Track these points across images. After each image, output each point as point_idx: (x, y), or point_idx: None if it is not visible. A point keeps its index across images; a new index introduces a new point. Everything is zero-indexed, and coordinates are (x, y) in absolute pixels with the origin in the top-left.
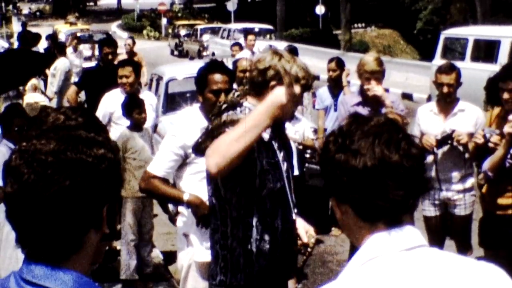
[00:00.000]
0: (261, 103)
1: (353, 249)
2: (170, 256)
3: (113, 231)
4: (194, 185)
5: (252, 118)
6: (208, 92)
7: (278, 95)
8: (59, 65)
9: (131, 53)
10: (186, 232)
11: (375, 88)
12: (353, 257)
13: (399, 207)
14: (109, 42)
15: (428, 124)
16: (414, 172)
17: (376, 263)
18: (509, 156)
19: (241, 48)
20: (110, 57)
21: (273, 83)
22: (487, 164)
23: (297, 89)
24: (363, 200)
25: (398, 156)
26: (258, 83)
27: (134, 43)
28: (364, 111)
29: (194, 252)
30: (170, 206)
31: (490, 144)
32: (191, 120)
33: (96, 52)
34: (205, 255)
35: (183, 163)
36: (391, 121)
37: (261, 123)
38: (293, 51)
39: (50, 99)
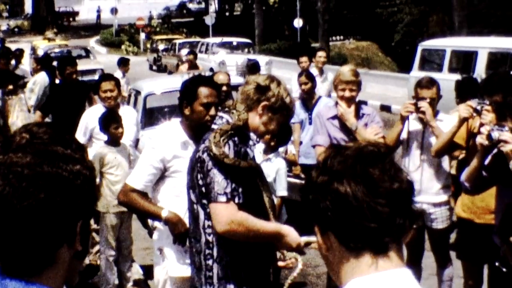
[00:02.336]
0: (275, 227)
1: None
2: (150, 271)
3: (85, 249)
4: (172, 199)
5: (264, 234)
6: (198, 105)
7: (289, 233)
8: (38, 79)
9: (193, 66)
10: (160, 247)
11: (338, 108)
12: None
13: (385, 228)
14: (71, 61)
15: (411, 132)
16: (400, 194)
17: None
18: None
19: (309, 60)
20: (74, 76)
21: (266, 103)
22: (464, 175)
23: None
24: (346, 223)
25: (382, 175)
26: (253, 99)
27: (195, 57)
28: (339, 124)
29: (169, 266)
30: (149, 221)
31: (502, 144)
32: (170, 134)
33: None
34: (180, 270)
35: (161, 176)
36: (375, 146)
37: (267, 239)
38: (255, 66)
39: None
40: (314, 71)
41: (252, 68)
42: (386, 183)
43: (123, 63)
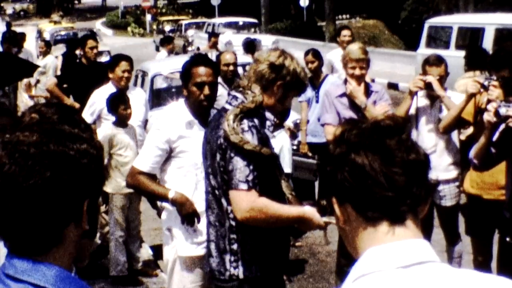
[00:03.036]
0: (296, 211)
1: (342, 241)
2: (160, 251)
3: (94, 229)
4: (179, 179)
5: (287, 219)
6: (192, 85)
7: (312, 216)
8: (49, 62)
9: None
10: (169, 227)
11: (347, 86)
12: (350, 271)
13: (402, 197)
14: (93, 36)
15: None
16: (417, 165)
17: (367, 280)
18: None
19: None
20: (95, 51)
21: (282, 81)
22: (472, 152)
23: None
24: (364, 192)
25: (399, 145)
26: (268, 79)
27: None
28: (348, 102)
29: (178, 246)
30: (158, 201)
31: (510, 120)
32: (175, 114)
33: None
34: (189, 249)
35: (168, 156)
36: (392, 120)
37: (289, 224)
38: (252, 44)
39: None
40: (339, 51)
41: (249, 46)
42: (403, 153)
43: (167, 42)
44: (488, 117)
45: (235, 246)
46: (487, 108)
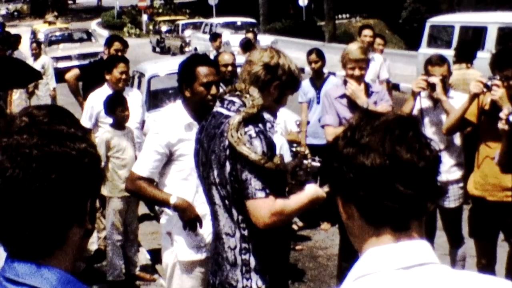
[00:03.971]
0: (306, 196)
1: (343, 244)
2: (157, 255)
3: (92, 228)
4: (179, 183)
5: (300, 208)
6: (198, 85)
7: (318, 193)
8: (46, 62)
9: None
10: (169, 231)
11: (347, 86)
12: (351, 270)
13: (407, 209)
14: (120, 38)
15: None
16: (426, 173)
17: (367, 280)
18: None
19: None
20: (120, 54)
21: (278, 82)
22: (496, 159)
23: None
24: (369, 199)
25: (409, 154)
26: (264, 80)
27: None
28: (348, 103)
29: (178, 250)
30: (156, 206)
31: None
32: (174, 117)
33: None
34: (190, 254)
35: (168, 160)
36: (404, 118)
37: (302, 211)
38: (249, 43)
39: (53, 97)
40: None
41: (246, 45)
42: (413, 163)
43: (214, 38)
44: (501, 125)
45: (247, 256)
46: (499, 116)
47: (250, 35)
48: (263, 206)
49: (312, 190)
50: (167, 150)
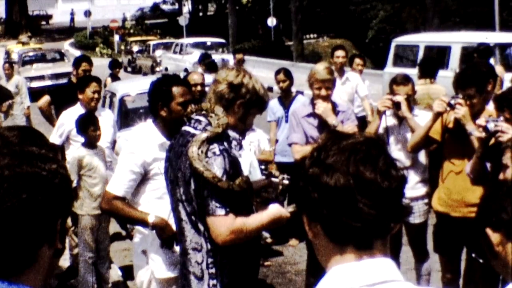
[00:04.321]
0: (267, 215)
1: (311, 259)
2: (129, 272)
3: (62, 248)
4: (154, 202)
5: (261, 227)
6: (176, 104)
7: (281, 213)
8: (20, 81)
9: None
10: (144, 249)
11: (318, 105)
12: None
13: (370, 229)
14: (87, 59)
15: (388, 127)
16: (390, 194)
17: None
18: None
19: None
20: (87, 74)
21: (242, 100)
22: (467, 168)
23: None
24: (333, 218)
25: (374, 174)
26: (228, 99)
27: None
28: (315, 122)
29: (154, 268)
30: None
31: (499, 134)
32: (147, 137)
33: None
34: (166, 271)
35: (142, 179)
36: (371, 139)
37: (263, 230)
38: (212, 64)
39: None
40: (352, 75)
41: (210, 66)
42: (377, 183)
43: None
44: (478, 133)
45: (213, 270)
46: (477, 123)
47: (240, 56)
48: (222, 224)
49: (274, 210)
50: (142, 170)
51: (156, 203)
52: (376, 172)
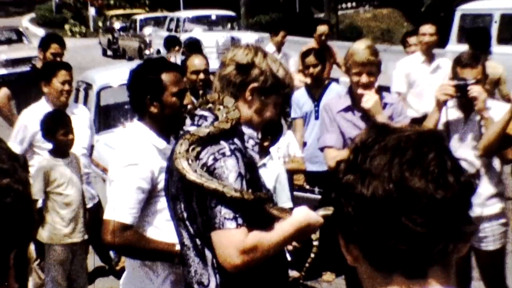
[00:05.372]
0: (290, 224)
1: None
2: None
3: (23, 286)
4: (163, 225)
5: (284, 240)
6: (169, 96)
7: (309, 218)
8: None
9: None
10: None
11: (365, 97)
12: None
13: (421, 252)
14: (58, 38)
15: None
16: (446, 206)
17: None
18: None
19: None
20: (58, 59)
21: (254, 85)
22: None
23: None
24: (371, 239)
25: (423, 181)
26: (236, 84)
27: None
28: (354, 118)
29: None
30: (112, 255)
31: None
32: (143, 141)
33: None
34: None
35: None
36: (425, 134)
37: (288, 243)
38: (193, 45)
39: None
40: (418, 56)
41: (191, 46)
42: (427, 193)
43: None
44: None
45: None
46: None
47: (278, 37)
48: (230, 241)
49: (300, 215)
50: (150, 186)
51: (165, 226)
52: (427, 179)
